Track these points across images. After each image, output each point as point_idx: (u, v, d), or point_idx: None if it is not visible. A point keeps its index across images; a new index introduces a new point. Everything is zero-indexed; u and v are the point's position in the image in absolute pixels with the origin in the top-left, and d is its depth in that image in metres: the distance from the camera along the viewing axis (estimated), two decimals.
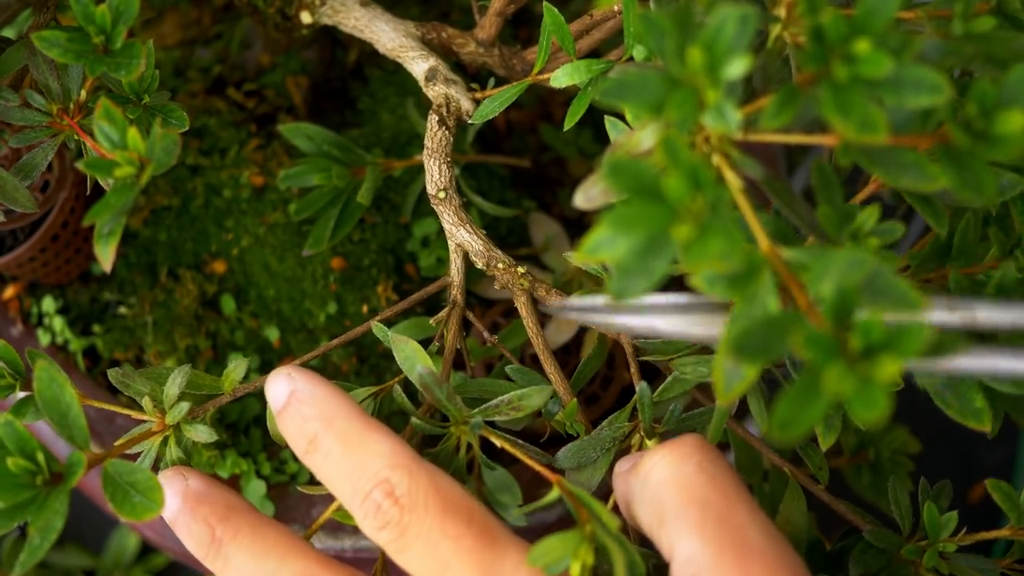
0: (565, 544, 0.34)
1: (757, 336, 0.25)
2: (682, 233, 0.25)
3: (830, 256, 0.26)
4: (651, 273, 0.25)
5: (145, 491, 0.33)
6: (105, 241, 0.36)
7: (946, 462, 0.78)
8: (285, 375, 0.38)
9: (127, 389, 0.42)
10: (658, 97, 0.27)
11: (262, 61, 0.68)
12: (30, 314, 0.64)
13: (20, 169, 0.43)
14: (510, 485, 0.42)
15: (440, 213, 0.46)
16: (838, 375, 0.24)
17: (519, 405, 0.40)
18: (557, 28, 0.44)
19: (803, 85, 0.27)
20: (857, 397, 0.23)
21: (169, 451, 0.40)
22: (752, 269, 0.26)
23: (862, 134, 0.25)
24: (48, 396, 0.34)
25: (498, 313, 0.63)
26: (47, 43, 0.37)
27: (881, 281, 0.25)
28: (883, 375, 0.24)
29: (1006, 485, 0.42)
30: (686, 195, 0.25)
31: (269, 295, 0.63)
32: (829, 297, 0.25)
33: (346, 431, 0.36)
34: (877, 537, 0.43)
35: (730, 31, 0.26)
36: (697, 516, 0.32)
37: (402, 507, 0.33)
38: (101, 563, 0.74)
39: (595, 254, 0.26)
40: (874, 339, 0.24)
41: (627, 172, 0.25)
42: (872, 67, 0.26)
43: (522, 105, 0.70)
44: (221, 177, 0.63)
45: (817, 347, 0.24)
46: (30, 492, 0.32)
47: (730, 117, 0.26)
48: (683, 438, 0.35)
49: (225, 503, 0.37)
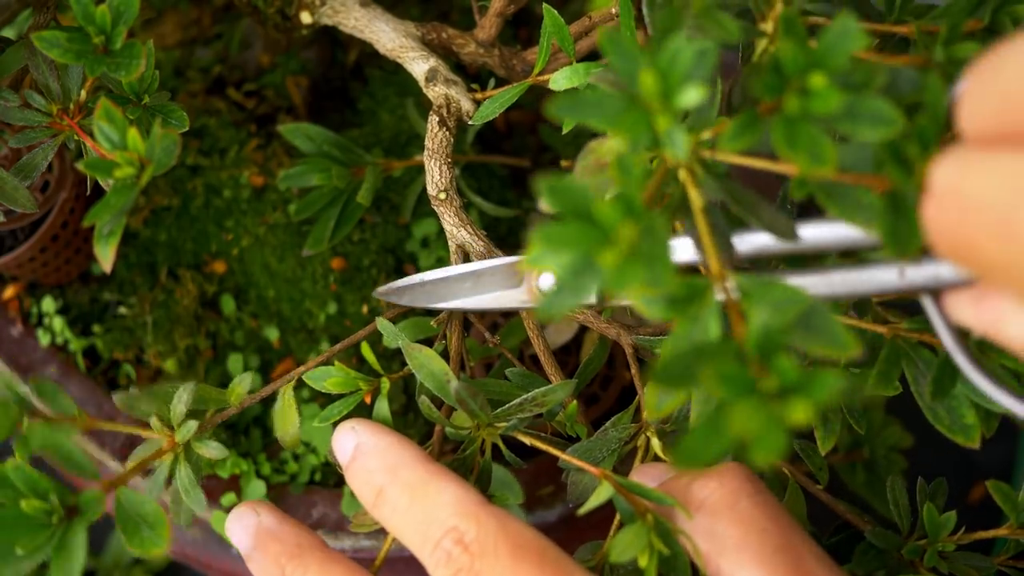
0: (639, 537, 0.35)
1: (682, 364, 0.25)
2: (608, 259, 0.25)
3: (771, 288, 0.25)
4: (583, 290, 0.25)
5: (154, 525, 0.34)
6: (105, 241, 0.36)
7: (946, 461, 0.78)
8: (350, 428, 0.38)
9: (132, 411, 0.42)
10: (612, 117, 0.27)
11: (262, 61, 0.68)
12: (30, 314, 0.64)
13: (20, 169, 0.43)
14: (511, 483, 0.42)
15: (440, 214, 0.46)
16: (746, 412, 0.23)
17: (543, 402, 0.40)
18: (557, 30, 0.44)
19: (763, 113, 0.27)
20: (760, 437, 0.23)
21: (180, 468, 0.40)
22: (694, 293, 0.26)
23: (812, 167, 0.25)
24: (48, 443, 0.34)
25: (497, 313, 0.63)
26: (47, 43, 0.37)
27: (816, 319, 0.25)
28: (792, 418, 0.23)
29: (1006, 486, 0.42)
30: (618, 220, 0.25)
31: (269, 295, 0.63)
32: (755, 332, 0.24)
33: (411, 481, 0.36)
34: (878, 538, 0.43)
35: (686, 61, 0.26)
36: (757, 546, 0.33)
37: (472, 554, 0.33)
38: (101, 563, 0.74)
39: (538, 264, 0.26)
40: (789, 381, 0.24)
41: (563, 193, 0.25)
42: (823, 103, 0.26)
43: (522, 105, 0.69)
44: (221, 177, 0.63)
45: (728, 384, 0.24)
46: (47, 532, 0.32)
47: (679, 145, 0.26)
48: (729, 468, 0.36)
49: (295, 541, 0.38)
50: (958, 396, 0.35)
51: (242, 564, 0.59)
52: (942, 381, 0.35)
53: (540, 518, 0.58)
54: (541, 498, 0.58)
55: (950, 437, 0.36)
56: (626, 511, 0.36)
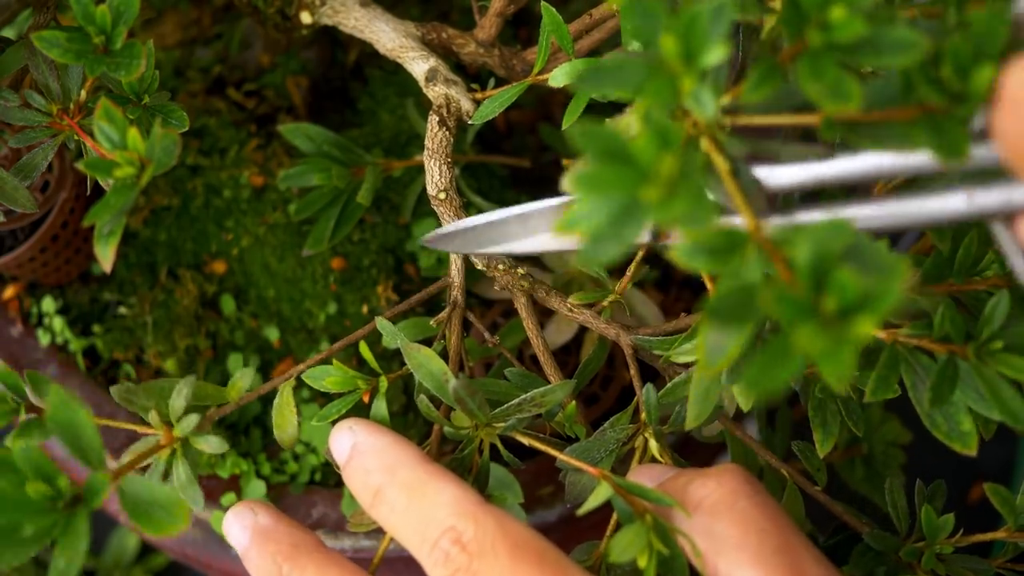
0: (638, 536, 0.35)
1: (733, 300, 0.25)
2: (651, 194, 0.25)
3: (813, 228, 0.25)
4: (622, 238, 0.25)
5: (167, 506, 0.33)
6: (105, 241, 0.36)
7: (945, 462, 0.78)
8: (347, 428, 0.38)
9: (131, 405, 0.42)
10: (635, 83, 0.26)
11: (262, 61, 0.68)
12: (30, 314, 0.64)
13: (20, 169, 0.43)
14: (510, 483, 0.42)
15: (440, 214, 0.46)
16: (810, 335, 0.23)
17: (542, 402, 0.40)
18: (556, 28, 0.44)
19: (783, 61, 0.27)
20: (827, 356, 0.23)
21: (177, 463, 0.40)
22: (734, 244, 0.26)
23: (837, 104, 0.25)
24: (62, 419, 0.33)
25: (498, 313, 0.63)
26: (47, 43, 0.37)
27: (863, 248, 0.25)
28: (856, 335, 0.23)
29: (1004, 489, 0.42)
30: (654, 156, 0.25)
31: (269, 295, 0.63)
32: (806, 259, 0.24)
33: (409, 480, 0.36)
34: (876, 539, 0.43)
35: (705, 19, 0.26)
36: (756, 546, 0.33)
37: (471, 554, 0.33)
38: (101, 563, 0.74)
39: (572, 228, 0.25)
40: (849, 299, 0.24)
41: (597, 136, 0.25)
42: (846, 31, 0.25)
43: (522, 105, 0.70)
44: (221, 177, 0.63)
45: (788, 306, 0.24)
46: (51, 517, 0.32)
47: (707, 104, 0.26)
48: (726, 468, 0.36)
49: (291, 541, 0.38)
50: (956, 403, 0.35)
51: (242, 564, 0.60)
52: (941, 388, 0.35)
53: (540, 518, 0.58)
54: (541, 498, 0.58)
55: (947, 444, 0.36)
56: (625, 512, 0.36)
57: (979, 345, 0.35)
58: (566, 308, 0.46)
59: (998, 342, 0.35)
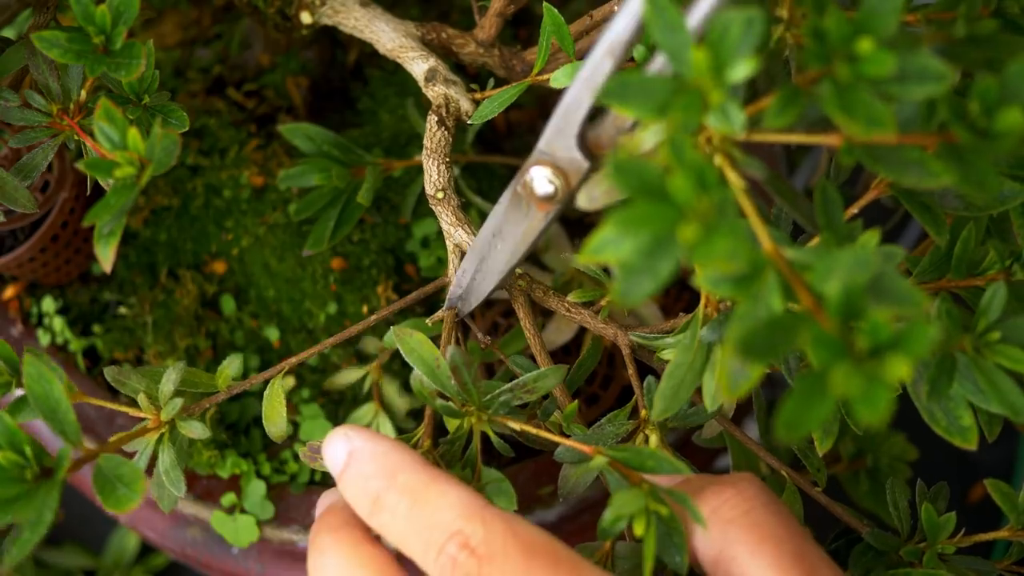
0: (636, 498, 0.35)
1: (763, 336, 0.25)
2: (688, 234, 0.25)
3: (834, 256, 0.26)
4: (657, 273, 0.25)
5: (129, 483, 0.33)
6: (105, 241, 0.36)
7: (945, 463, 0.78)
8: (342, 435, 0.36)
9: (123, 387, 0.42)
10: (662, 100, 0.27)
11: (262, 61, 0.68)
12: (30, 314, 0.64)
13: (20, 169, 0.43)
14: (505, 489, 0.42)
15: (439, 213, 0.46)
16: (845, 375, 0.24)
17: (533, 388, 0.40)
18: (556, 29, 0.44)
19: (805, 85, 0.27)
20: (862, 397, 0.23)
21: (163, 448, 0.40)
22: (756, 269, 0.26)
23: (869, 131, 0.25)
24: (38, 392, 0.34)
25: (497, 313, 0.63)
26: (47, 43, 0.37)
27: (886, 281, 0.25)
28: (891, 375, 0.23)
29: (1005, 485, 0.42)
30: (692, 195, 0.25)
31: (269, 295, 0.63)
32: (836, 296, 0.25)
33: (410, 484, 0.34)
34: (876, 539, 0.43)
35: (736, 33, 0.26)
36: (774, 554, 0.33)
37: (480, 557, 0.32)
38: (101, 563, 0.74)
39: (599, 254, 0.25)
40: (882, 339, 0.24)
41: (632, 172, 0.25)
42: (876, 66, 0.26)
43: (522, 105, 0.70)
44: (221, 177, 0.63)
45: (825, 347, 0.24)
46: (20, 487, 0.32)
47: (735, 118, 0.26)
48: (744, 477, 0.36)
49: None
50: (955, 397, 0.35)
51: (242, 564, 0.60)
52: (938, 380, 0.35)
53: (540, 518, 0.58)
54: (541, 497, 0.58)
55: (947, 439, 0.36)
56: (619, 484, 0.36)
57: (976, 337, 0.35)
58: (564, 307, 0.46)
59: (995, 333, 0.35)
